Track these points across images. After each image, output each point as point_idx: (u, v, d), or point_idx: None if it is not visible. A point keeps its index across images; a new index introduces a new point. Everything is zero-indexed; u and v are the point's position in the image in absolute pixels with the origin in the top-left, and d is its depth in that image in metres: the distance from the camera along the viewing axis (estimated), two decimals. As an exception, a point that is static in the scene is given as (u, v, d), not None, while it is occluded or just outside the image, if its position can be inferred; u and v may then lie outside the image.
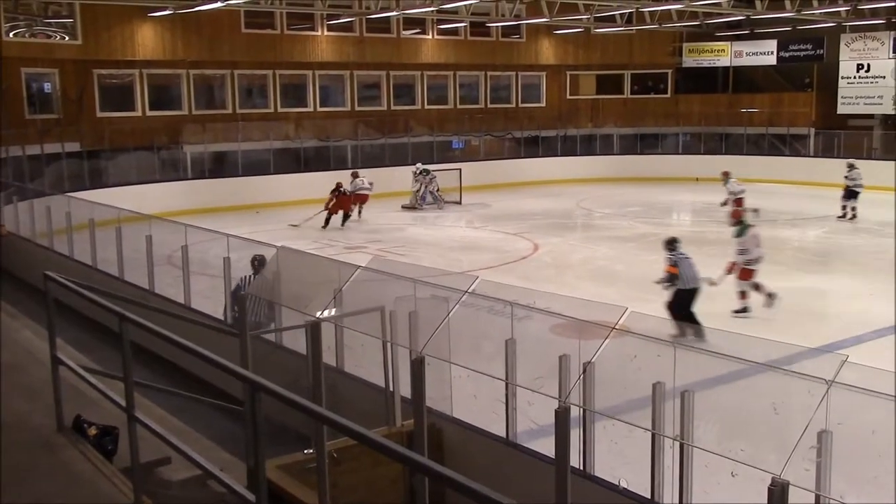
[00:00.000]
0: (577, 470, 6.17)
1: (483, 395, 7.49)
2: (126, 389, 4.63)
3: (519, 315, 7.21)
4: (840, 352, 6.25)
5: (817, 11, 25.22)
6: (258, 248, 10.94)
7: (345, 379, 8.51)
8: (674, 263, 12.19)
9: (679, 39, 34.28)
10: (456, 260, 17.53)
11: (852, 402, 4.88)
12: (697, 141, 33.29)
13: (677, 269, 12.12)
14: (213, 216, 20.81)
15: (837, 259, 18.29)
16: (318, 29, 28.33)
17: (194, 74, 26.77)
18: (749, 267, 13.45)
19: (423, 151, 29.52)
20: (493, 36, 31.94)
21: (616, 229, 20.99)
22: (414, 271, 9.91)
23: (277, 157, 27.05)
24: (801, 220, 22.64)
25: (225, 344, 8.03)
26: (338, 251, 17.60)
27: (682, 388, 5.63)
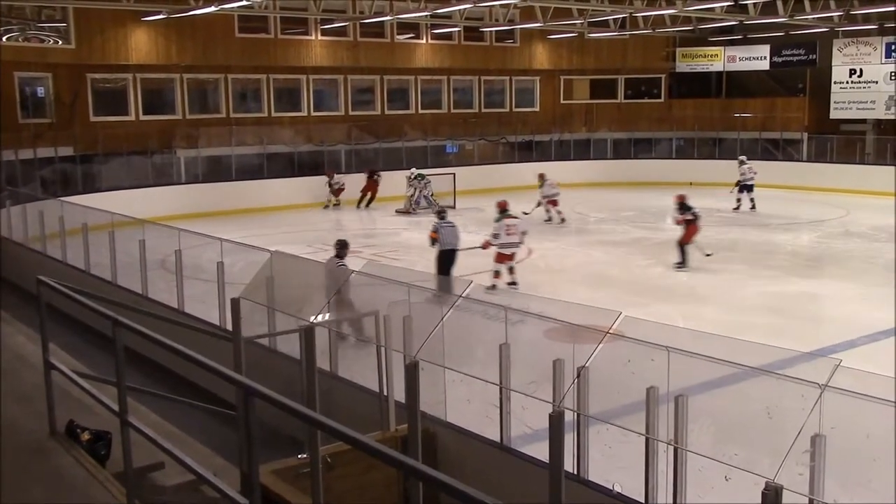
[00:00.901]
0: (572, 474, 6.17)
1: (477, 399, 7.49)
2: (119, 394, 4.61)
3: (513, 319, 7.22)
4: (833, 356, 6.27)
5: (810, 17, 25.30)
6: (252, 253, 10.92)
7: (339, 383, 8.50)
8: (435, 230, 14.82)
9: (672, 44, 34.38)
10: (450, 264, 17.49)
11: (846, 406, 4.89)
12: (691, 145, 33.38)
13: (438, 234, 14.72)
14: (206, 220, 20.78)
15: (831, 263, 18.34)
16: (312, 33, 28.34)
17: (188, 79, 26.74)
18: (501, 251, 15.05)
19: (417, 156, 29.52)
20: (487, 40, 31.99)
21: (610, 233, 21.01)
22: (407, 276, 9.92)
23: (271, 161, 27.04)
24: (795, 225, 22.70)
25: (219, 348, 8.02)
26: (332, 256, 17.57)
27: (676, 393, 5.64)
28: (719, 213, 24.64)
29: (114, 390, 4.78)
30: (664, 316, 12.72)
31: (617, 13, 26.35)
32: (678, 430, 5.56)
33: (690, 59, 34.39)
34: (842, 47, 30.66)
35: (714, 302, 14.37)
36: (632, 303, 13.57)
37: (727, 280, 15.96)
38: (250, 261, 10.69)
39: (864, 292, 14.93)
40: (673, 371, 5.65)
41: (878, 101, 29.96)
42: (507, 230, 15.06)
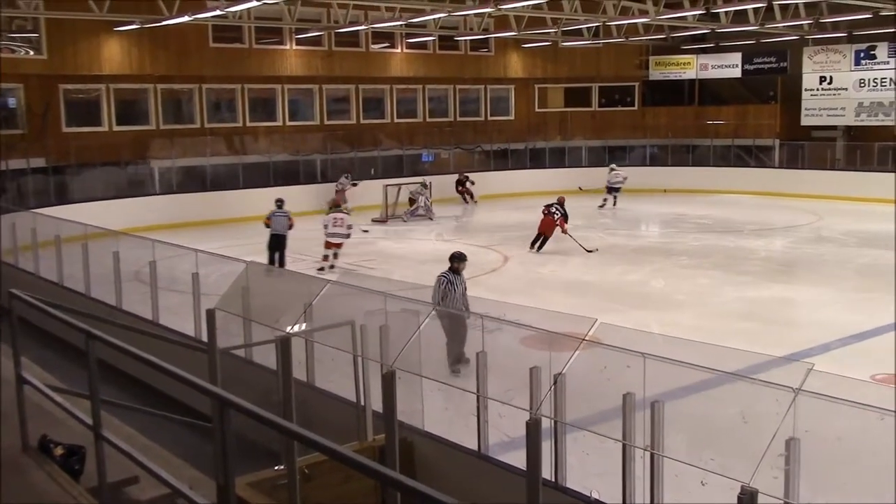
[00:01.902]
0: (549, 482, 6.18)
1: (454, 408, 7.49)
2: (93, 408, 4.57)
3: (489, 328, 7.23)
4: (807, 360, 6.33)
5: (780, 25, 25.60)
6: (227, 264, 10.87)
7: (315, 394, 8.47)
8: (268, 217, 17.39)
9: (645, 53, 34.64)
10: (426, 273, 17.41)
11: (819, 409, 4.94)
12: (665, 153, 33.63)
13: (270, 220, 17.33)
14: (181, 231, 20.65)
15: (804, 268, 18.52)
16: (287, 43, 28.29)
17: (162, 89, 26.59)
18: (328, 239, 17.83)
19: (392, 165, 29.53)
20: (462, 50, 32.09)
21: (585, 241, 21.08)
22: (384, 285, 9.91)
23: (246, 171, 26.91)
24: (768, 231, 22.90)
25: (194, 360, 7.97)
26: (307, 266, 17.53)
27: (652, 399, 5.67)
28: (694, 219, 24.85)
29: (87, 404, 4.73)
30: (640, 322, 12.79)
31: (590, 22, 26.54)
32: (654, 436, 5.59)
33: (663, 68, 34.68)
34: (812, 55, 31.05)
35: (689, 308, 14.47)
36: (608, 309, 13.63)
37: (702, 286, 16.08)
38: (226, 271, 10.65)
39: (837, 297, 15.09)
40: (649, 377, 5.68)
41: (847, 107, 30.35)
42: (333, 222, 17.92)
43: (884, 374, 10.25)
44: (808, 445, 4.87)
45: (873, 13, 23.13)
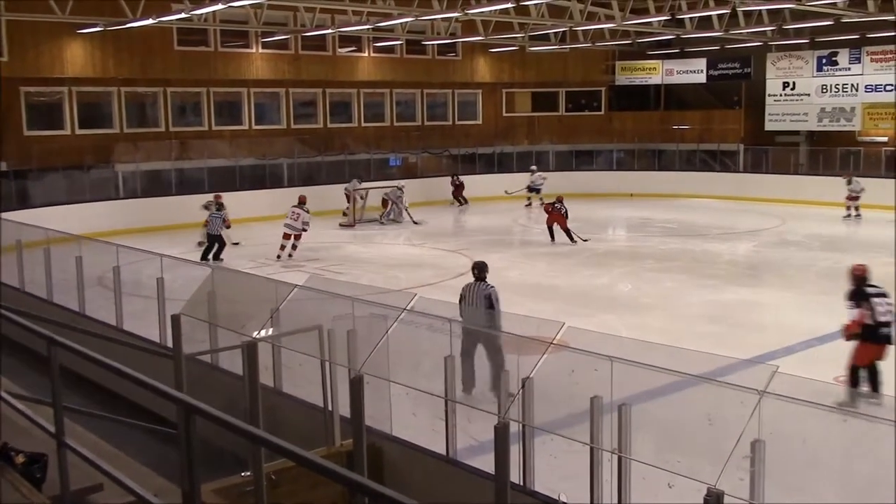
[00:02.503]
0: (517, 485, 6.19)
1: (423, 412, 7.47)
2: (55, 415, 4.50)
3: (458, 332, 7.23)
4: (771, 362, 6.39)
5: (744, 31, 25.92)
6: (193, 268, 10.77)
7: (283, 399, 8.41)
8: (206, 219, 19.15)
9: (612, 58, 34.91)
10: (394, 277, 17.50)
11: (784, 411, 4.99)
12: (631, 157, 33.90)
13: (207, 222, 19.10)
14: (146, 236, 20.44)
15: (768, 272, 18.74)
16: (253, 46, 28.13)
17: (126, 92, 26.32)
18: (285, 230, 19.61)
19: (360, 169, 29.45)
20: (429, 54, 32.11)
21: (553, 245, 21.19)
22: (352, 289, 9.86)
23: (212, 175, 26.68)
24: (732, 235, 23.15)
25: (159, 366, 7.89)
26: (275, 270, 17.43)
27: (620, 402, 5.69)
28: (660, 223, 25.06)
29: (50, 411, 4.66)
30: (608, 326, 12.87)
31: (557, 27, 26.65)
32: (622, 439, 5.61)
33: (629, 73, 34.96)
34: (775, 61, 31.46)
35: (656, 311, 14.58)
36: (576, 313, 13.69)
37: (668, 289, 16.21)
38: (191, 276, 10.54)
39: (801, 300, 15.29)
40: (616, 380, 5.71)
41: (810, 113, 30.78)
42: (290, 215, 19.66)
43: (846, 376, 10.38)
44: (773, 447, 4.92)
45: (835, 20, 23.51)
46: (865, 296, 9.35)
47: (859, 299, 9.38)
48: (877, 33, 26.97)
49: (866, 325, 9.24)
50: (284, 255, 19.60)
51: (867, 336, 9.24)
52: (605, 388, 5.75)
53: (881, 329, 9.15)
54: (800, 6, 20.40)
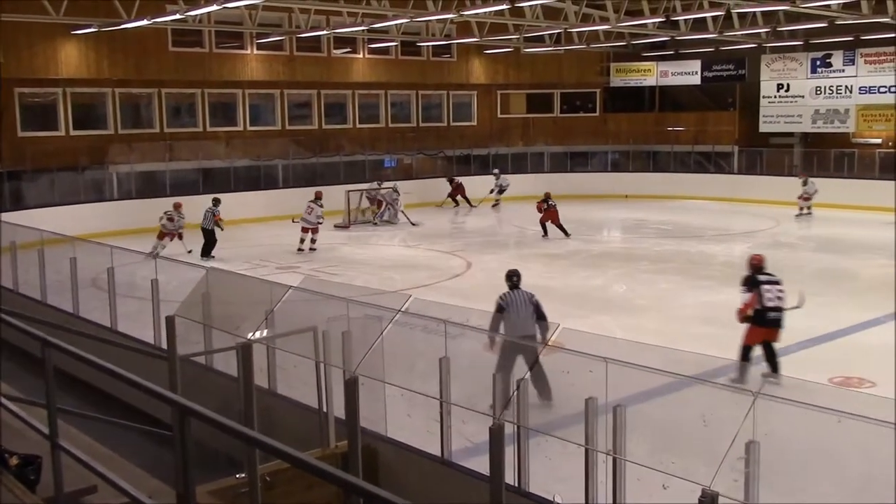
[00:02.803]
0: (512, 487, 6.19)
1: (417, 414, 7.47)
2: (49, 417, 4.49)
3: (452, 333, 7.22)
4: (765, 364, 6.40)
5: (738, 33, 25.98)
6: (187, 270, 10.75)
7: (278, 401, 8.40)
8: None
9: (607, 59, 34.94)
10: (389, 279, 17.50)
11: (778, 412, 5.00)
12: (626, 159, 33.94)
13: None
14: (141, 237, 20.40)
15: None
16: (248, 47, 28.10)
17: (120, 93, 26.27)
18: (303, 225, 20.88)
19: (355, 171, 29.45)
20: (424, 55, 32.11)
21: (548, 246, 21.21)
22: (347, 291, 9.86)
23: (207, 177, 26.66)
24: (727, 236, 23.18)
25: (153, 367, 7.88)
26: (269, 271, 17.41)
27: (615, 403, 5.70)
28: (655, 225, 25.09)
29: (43, 413, 4.65)
30: (603, 327, 12.88)
31: (552, 29, 26.71)
32: (616, 440, 5.61)
33: (624, 74, 34.99)
34: (769, 63, 31.52)
35: (651, 312, 14.59)
36: (571, 314, 13.66)
37: (664, 291, 16.22)
38: (186, 278, 10.53)
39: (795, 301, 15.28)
40: (611, 382, 5.71)
41: (804, 114, 30.84)
42: (305, 210, 20.84)
43: (841, 377, 10.42)
44: (767, 448, 4.93)
45: (829, 22, 23.58)
46: (757, 283, 10.20)
47: (752, 286, 10.22)
48: (871, 35, 27.06)
49: (756, 309, 10.08)
50: (306, 248, 20.62)
51: (756, 319, 10.10)
52: (600, 390, 5.76)
53: (768, 313, 10.02)
54: (794, 8, 20.44)
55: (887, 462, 5.11)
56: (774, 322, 10.11)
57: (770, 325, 10.13)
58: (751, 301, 10.16)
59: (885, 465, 5.24)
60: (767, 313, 10.05)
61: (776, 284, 10.24)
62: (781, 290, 10.19)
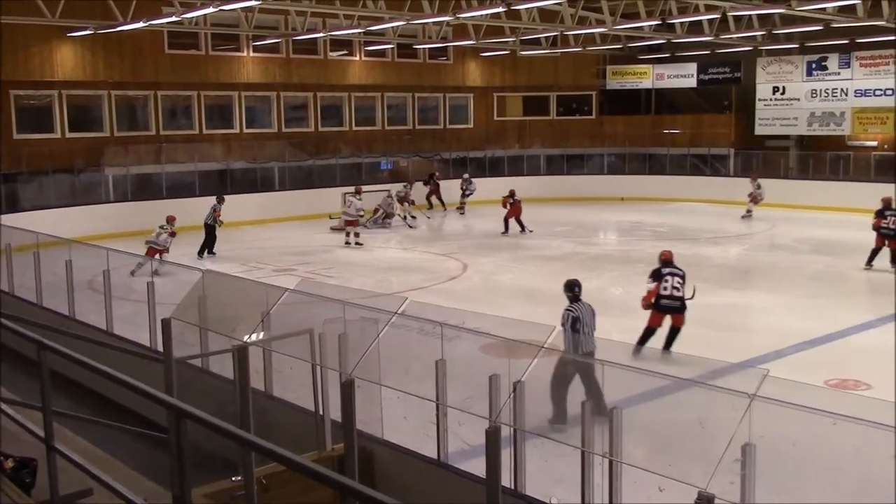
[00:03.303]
0: (509, 489, 6.18)
1: (414, 416, 7.46)
2: (45, 420, 4.48)
3: (448, 335, 7.22)
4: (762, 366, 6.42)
5: (734, 36, 26.01)
6: (183, 272, 10.74)
7: (274, 403, 8.39)
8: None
9: (603, 62, 34.99)
10: (385, 281, 17.49)
11: (774, 415, 5.01)
12: (622, 161, 33.97)
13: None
14: (136, 240, 20.37)
15: (758, 276, 18.79)
16: (244, 50, 28.09)
17: (116, 95, 26.25)
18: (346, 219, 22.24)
19: (351, 173, 29.45)
20: (421, 58, 32.12)
21: (544, 249, 21.22)
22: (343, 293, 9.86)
23: (203, 179, 26.65)
24: (723, 238, 23.21)
25: (149, 370, 7.87)
26: (266, 274, 17.40)
27: (611, 405, 5.70)
28: (651, 227, 25.11)
29: (39, 416, 4.64)
30: (600, 330, 12.83)
31: (548, 31, 26.73)
32: (613, 443, 5.61)
33: (620, 77, 35.04)
34: (765, 65, 31.58)
35: (647, 315, 14.57)
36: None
37: (659, 293, 16.19)
38: (182, 280, 10.53)
39: (791, 303, 15.33)
40: (607, 384, 5.72)
41: (800, 117, 30.90)
42: (346, 205, 22.11)
43: (836, 380, 10.43)
44: (763, 450, 4.93)
45: (824, 25, 23.60)
46: (661, 275, 11.49)
47: (656, 277, 11.56)
48: (866, 38, 27.11)
49: (656, 297, 11.44)
50: (352, 242, 21.72)
51: (655, 305, 11.49)
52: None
53: (661, 300, 11.40)
54: (789, 11, 20.48)
55: (883, 464, 5.12)
56: (668, 308, 11.41)
57: (664, 311, 11.44)
58: (653, 290, 11.48)
59: (881, 468, 5.25)
60: (661, 300, 11.39)
61: (677, 276, 11.46)
62: (680, 281, 11.42)
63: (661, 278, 11.47)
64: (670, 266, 11.64)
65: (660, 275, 11.53)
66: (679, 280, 11.47)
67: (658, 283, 11.48)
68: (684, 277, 11.53)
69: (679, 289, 11.42)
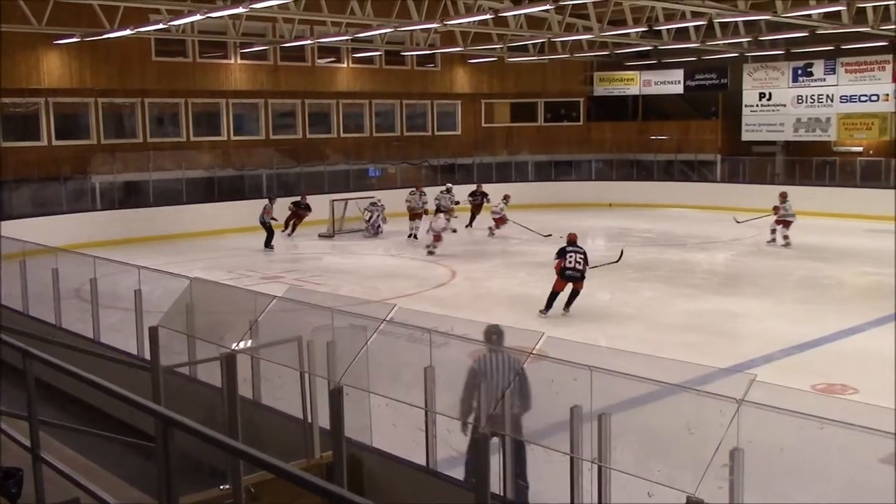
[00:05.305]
0: (498, 496, 6.17)
1: (403, 423, 7.45)
2: (31, 429, 4.45)
3: (437, 342, 7.21)
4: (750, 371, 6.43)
5: (721, 42, 26.15)
6: (171, 280, 10.69)
7: (262, 411, 8.36)
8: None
9: (590, 68, 35.12)
10: (374, 288, 17.47)
11: (762, 419, 5.02)
12: (610, 167, 34.08)
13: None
14: (124, 248, 20.32)
15: (746, 281, 18.86)
16: (232, 57, 28.07)
17: (103, 103, 26.17)
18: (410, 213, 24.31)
19: (339, 180, 29.43)
20: (408, 64, 32.16)
21: (532, 255, 21.24)
22: (331, 300, 9.84)
23: (190, 186, 26.58)
24: (711, 244, 23.29)
25: (137, 379, 7.83)
26: (254, 281, 17.35)
27: (600, 411, 5.70)
28: (639, 233, 25.18)
29: (25, 425, 4.61)
30: (587, 336, 12.90)
31: (536, 38, 26.79)
32: (602, 448, 5.61)
33: (608, 83, 35.17)
34: (751, 72, 31.76)
35: (636, 321, 14.63)
36: (555, 323, 13.73)
37: (648, 299, 16.28)
38: (169, 288, 10.47)
39: (779, 308, 15.39)
40: (596, 390, 5.72)
41: (786, 123, 31.08)
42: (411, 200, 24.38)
43: (824, 384, 10.48)
44: (751, 455, 4.94)
45: (810, 31, 23.79)
46: (564, 252, 14.62)
47: (560, 255, 14.68)
48: (851, 44, 27.33)
49: (562, 269, 14.53)
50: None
51: (560, 274, 14.55)
52: (585, 398, 5.76)
53: (566, 271, 14.49)
54: (775, 18, 20.61)
55: (870, 468, 5.14)
56: (570, 277, 14.48)
57: (567, 279, 14.50)
58: (559, 263, 14.58)
59: (868, 471, 5.27)
60: (566, 271, 14.48)
61: (578, 254, 14.52)
62: (581, 257, 14.50)
63: (565, 255, 14.53)
64: (573, 245, 14.70)
65: (563, 252, 14.62)
66: (581, 256, 14.49)
67: (562, 259, 14.54)
68: (585, 255, 14.59)
69: (580, 263, 14.45)
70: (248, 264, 20.16)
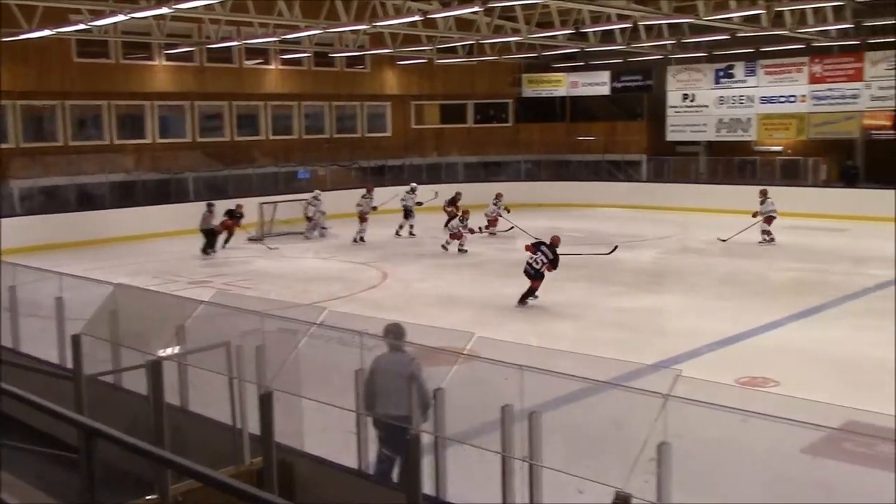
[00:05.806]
0: (430, 497, 6.18)
1: (335, 427, 7.40)
2: (-55, 443, 4.30)
3: (368, 345, 7.19)
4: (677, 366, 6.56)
5: (645, 44, 26.65)
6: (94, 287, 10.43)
7: (189, 419, 8.21)
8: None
9: (518, 70, 35.43)
10: (304, 292, 17.33)
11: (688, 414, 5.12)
12: (538, 168, 34.43)
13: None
14: (45, 254, 19.76)
15: (671, 278, 19.24)
16: (156, 58, 27.55)
17: (21, 105, 25.42)
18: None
19: (268, 182, 29.11)
20: (338, 66, 32.01)
21: (463, 256, 21.33)
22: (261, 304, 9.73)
23: (114, 190, 25.99)
24: (637, 243, 23.67)
25: (58, 389, 7.62)
26: (181, 287, 17.05)
27: (530, 410, 5.75)
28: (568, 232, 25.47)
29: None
30: (517, 335, 12.99)
31: (464, 40, 26.93)
32: (532, 447, 5.66)
33: (536, 85, 35.53)
34: (675, 74, 32.43)
35: (565, 319, 14.81)
36: (486, 323, 13.81)
37: (577, 297, 16.48)
38: (93, 295, 10.22)
39: (703, 304, 15.75)
40: (526, 389, 5.76)
41: (709, 124, 31.82)
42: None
43: (747, 378, 10.75)
44: (678, 449, 5.04)
45: (731, 34, 24.40)
46: (536, 247, 15.62)
47: (533, 247, 15.74)
48: (770, 47, 28.12)
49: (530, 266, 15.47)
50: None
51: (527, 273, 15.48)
52: (516, 397, 5.80)
53: (532, 268, 15.33)
54: (698, 21, 21.08)
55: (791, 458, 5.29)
56: (526, 272, 15.51)
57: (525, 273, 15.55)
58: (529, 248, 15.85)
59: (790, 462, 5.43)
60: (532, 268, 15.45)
61: (543, 254, 15.49)
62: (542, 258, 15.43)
63: (535, 250, 15.63)
64: (547, 246, 15.67)
65: (536, 247, 15.74)
66: (543, 258, 15.43)
67: (530, 250, 15.71)
68: (552, 260, 15.49)
69: (538, 263, 15.36)
70: (174, 269, 19.79)
